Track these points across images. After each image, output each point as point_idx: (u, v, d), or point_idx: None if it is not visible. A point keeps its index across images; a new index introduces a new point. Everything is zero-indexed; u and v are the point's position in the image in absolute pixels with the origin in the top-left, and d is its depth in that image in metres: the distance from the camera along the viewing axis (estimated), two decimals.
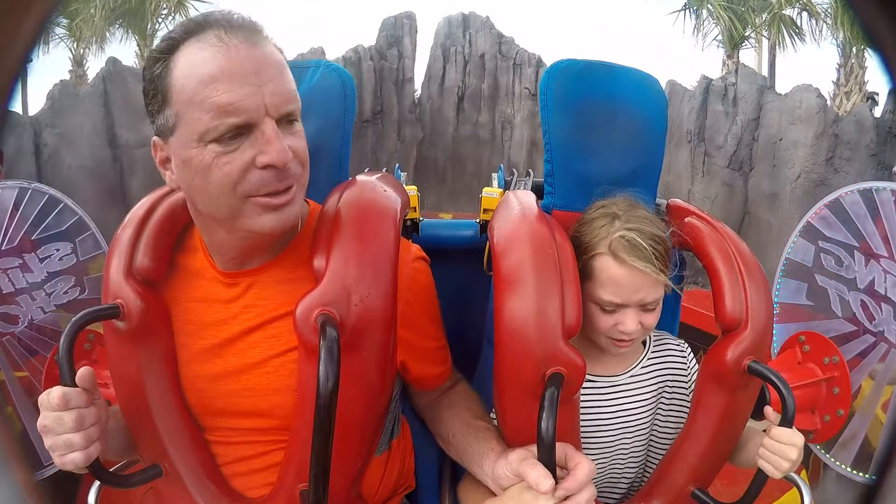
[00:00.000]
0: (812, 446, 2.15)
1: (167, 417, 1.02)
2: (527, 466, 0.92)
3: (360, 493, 1.09)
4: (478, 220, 1.52)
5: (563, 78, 1.25)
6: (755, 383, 1.10)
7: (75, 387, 0.89)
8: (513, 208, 1.15)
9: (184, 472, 1.02)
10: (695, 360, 1.25)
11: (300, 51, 9.31)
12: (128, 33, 10.82)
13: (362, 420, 0.99)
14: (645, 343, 1.24)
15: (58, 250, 2.13)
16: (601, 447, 1.18)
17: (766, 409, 1.07)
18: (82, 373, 0.90)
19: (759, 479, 1.03)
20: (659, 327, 1.23)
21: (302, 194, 0.98)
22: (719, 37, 11.05)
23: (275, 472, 1.01)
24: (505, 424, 1.06)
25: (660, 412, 1.22)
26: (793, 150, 7.03)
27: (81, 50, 10.55)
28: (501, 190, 1.50)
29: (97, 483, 1.11)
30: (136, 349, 1.00)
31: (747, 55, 11.27)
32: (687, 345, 1.27)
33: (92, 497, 1.14)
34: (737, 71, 7.90)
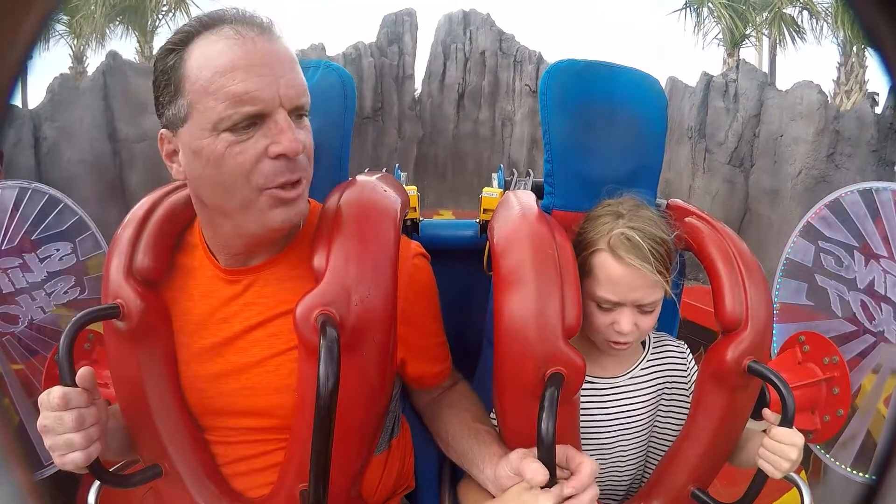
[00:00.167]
0: (812, 446, 2.15)
1: (167, 417, 1.02)
2: (524, 462, 0.92)
3: (360, 493, 1.09)
4: (478, 220, 1.51)
5: (563, 78, 1.24)
6: (755, 383, 1.10)
7: (75, 387, 0.89)
8: (513, 208, 1.15)
9: (184, 472, 1.02)
10: (694, 361, 1.25)
11: (301, 47, 9.31)
12: (128, 30, 10.79)
13: (362, 420, 0.99)
14: (644, 344, 1.24)
15: (58, 250, 2.13)
16: (600, 449, 1.18)
17: (764, 411, 1.07)
18: (82, 373, 0.90)
19: (759, 479, 1.03)
20: (658, 329, 1.23)
21: (308, 190, 0.98)
22: (720, 35, 11.03)
23: (275, 472, 1.01)
24: (505, 425, 1.06)
25: (659, 413, 1.22)
26: (794, 146, 7.03)
27: (81, 47, 10.53)
28: (501, 190, 1.50)
29: (97, 483, 1.11)
30: (136, 349, 1.00)
31: (748, 54, 11.25)
32: (687, 346, 1.27)
33: (92, 497, 1.14)
34: (737, 67, 7.89)
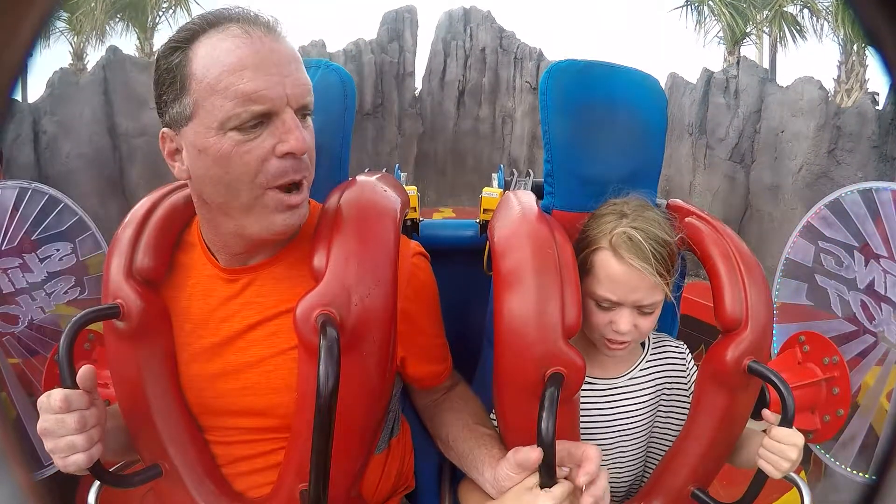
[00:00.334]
0: (812, 446, 2.15)
1: (167, 417, 1.02)
2: (516, 451, 0.93)
3: (360, 493, 1.09)
4: (478, 220, 1.52)
5: (563, 78, 1.24)
6: (755, 383, 1.10)
7: (76, 388, 0.88)
8: (513, 208, 1.15)
9: (184, 472, 1.02)
10: (694, 362, 1.25)
11: (301, 43, 9.30)
12: (128, 27, 10.77)
13: (362, 420, 0.99)
14: (644, 345, 1.24)
15: (58, 250, 2.12)
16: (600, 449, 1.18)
17: (764, 411, 1.06)
18: (83, 372, 0.90)
19: (759, 479, 1.04)
20: (658, 330, 1.23)
21: (308, 193, 0.98)
22: (720, 33, 11.00)
23: (275, 472, 1.01)
24: (505, 424, 1.06)
25: (659, 414, 1.22)
26: (794, 142, 7.01)
27: (81, 43, 10.51)
28: (501, 190, 1.50)
29: (97, 483, 1.12)
30: (136, 349, 1.00)
31: (748, 52, 11.21)
32: (686, 347, 1.27)
33: (92, 497, 1.14)
34: (738, 63, 7.87)
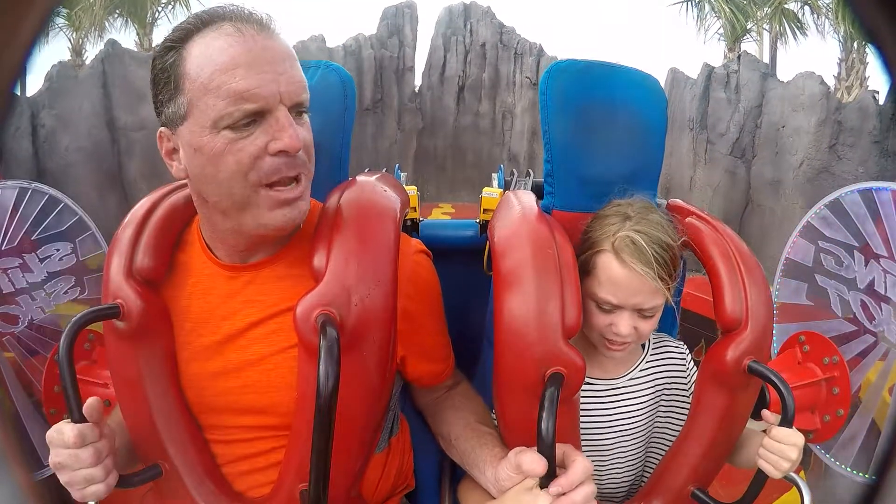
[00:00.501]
0: (812, 446, 2.15)
1: (167, 417, 1.02)
2: (521, 455, 0.92)
3: (360, 493, 1.09)
4: (478, 220, 1.51)
5: (563, 78, 1.24)
6: (755, 383, 1.10)
7: (83, 420, 0.90)
8: (513, 208, 1.15)
9: (184, 471, 1.02)
10: (693, 362, 1.25)
11: (300, 38, 9.28)
12: (127, 22, 10.74)
13: (362, 420, 0.99)
14: (644, 346, 1.24)
15: (58, 250, 2.12)
16: (600, 449, 1.18)
17: (764, 411, 1.06)
18: (91, 405, 0.91)
19: (759, 479, 1.04)
20: (659, 330, 1.23)
21: (309, 189, 0.98)
22: (721, 30, 10.97)
23: (275, 472, 1.01)
24: (505, 424, 1.06)
25: (659, 414, 1.22)
26: (795, 137, 7.01)
27: (80, 39, 10.47)
28: (501, 190, 1.50)
29: None
30: (136, 349, 1.01)
31: (749, 49, 11.17)
32: (686, 347, 1.27)
33: None
34: (739, 58, 7.85)
